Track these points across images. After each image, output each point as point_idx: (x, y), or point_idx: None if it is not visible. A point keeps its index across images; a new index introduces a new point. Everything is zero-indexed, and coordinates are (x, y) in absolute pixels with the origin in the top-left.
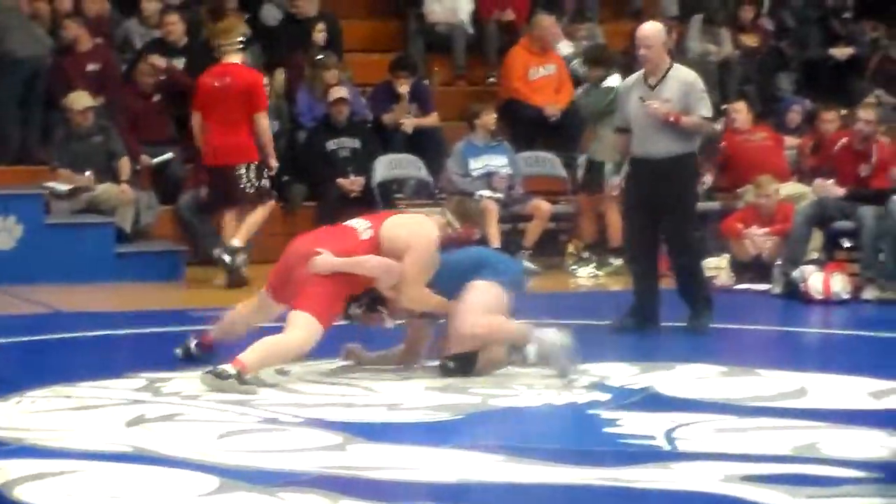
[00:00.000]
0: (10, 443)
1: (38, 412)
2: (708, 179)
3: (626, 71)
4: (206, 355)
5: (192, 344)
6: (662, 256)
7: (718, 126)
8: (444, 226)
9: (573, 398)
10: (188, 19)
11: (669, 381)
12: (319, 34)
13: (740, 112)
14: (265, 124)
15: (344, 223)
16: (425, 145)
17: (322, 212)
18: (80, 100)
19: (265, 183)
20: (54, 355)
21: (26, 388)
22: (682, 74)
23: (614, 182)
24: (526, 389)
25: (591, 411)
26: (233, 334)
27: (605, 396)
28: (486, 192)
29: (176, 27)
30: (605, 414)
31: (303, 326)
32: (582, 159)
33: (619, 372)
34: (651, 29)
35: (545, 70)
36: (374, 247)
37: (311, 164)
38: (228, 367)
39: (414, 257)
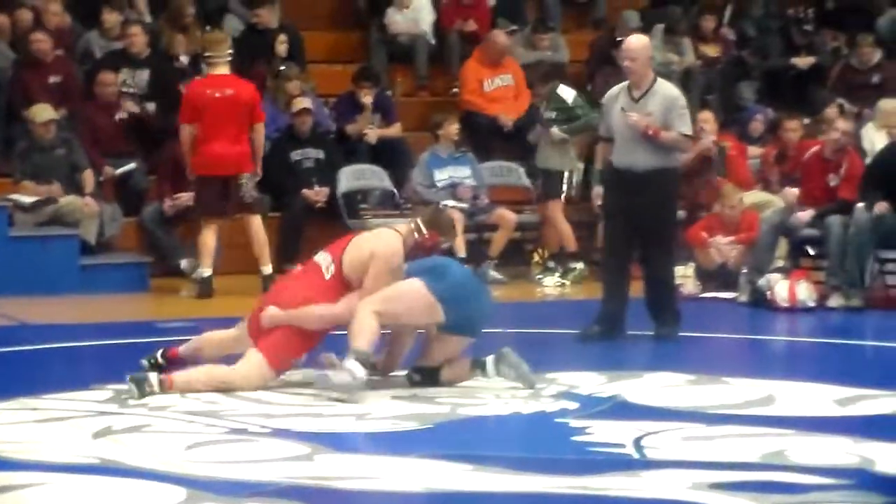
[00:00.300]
0: None
1: (3, 424)
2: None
3: (581, 81)
4: (172, 367)
5: (159, 353)
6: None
7: (710, 142)
8: (410, 231)
9: (541, 407)
10: (149, 31)
11: (637, 389)
12: (281, 45)
13: (707, 122)
14: (263, 135)
15: (314, 258)
16: (389, 156)
17: (287, 222)
18: (43, 112)
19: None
20: (20, 367)
21: None
22: (666, 90)
23: (596, 191)
24: (494, 398)
25: (559, 420)
26: (201, 356)
27: (574, 405)
28: (451, 203)
29: (138, 38)
30: (574, 422)
31: (251, 365)
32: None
33: (588, 380)
34: (637, 42)
35: (501, 80)
36: (339, 282)
37: (276, 174)
38: (154, 379)
39: (375, 270)
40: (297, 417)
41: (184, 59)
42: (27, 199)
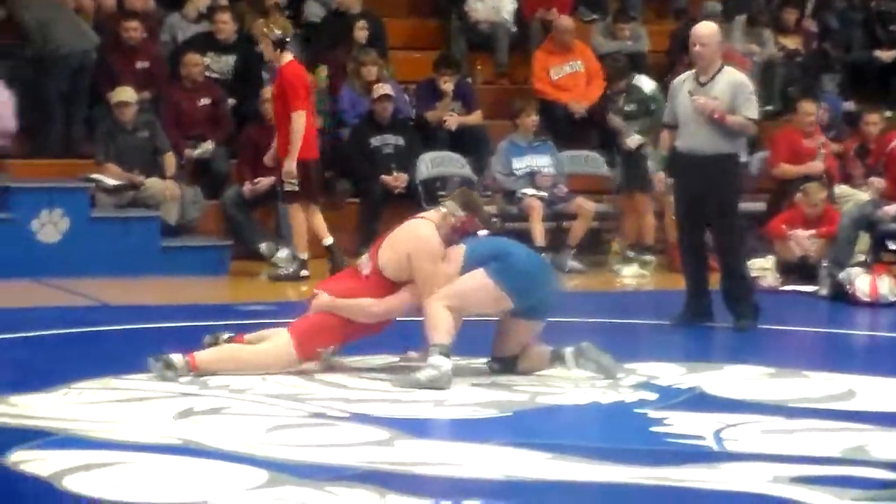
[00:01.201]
0: (59, 434)
1: (85, 404)
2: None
3: (662, 71)
4: None
5: (224, 339)
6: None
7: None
8: (443, 217)
9: (620, 397)
10: (235, 16)
11: (717, 381)
12: (361, 31)
13: (810, 113)
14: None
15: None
16: (468, 143)
17: (366, 208)
18: (126, 95)
19: None
20: (102, 347)
21: (74, 380)
22: (733, 75)
23: (659, 177)
24: (573, 387)
25: (638, 410)
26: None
27: (653, 396)
28: (530, 191)
29: (227, 25)
30: (653, 413)
31: (277, 348)
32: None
33: (667, 371)
34: (707, 28)
35: (570, 67)
36: (377, 280)
37: (355, 160)
38: (178, 358)
39: (422, 272)
40: (376, 403)
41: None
42: (110, 181)
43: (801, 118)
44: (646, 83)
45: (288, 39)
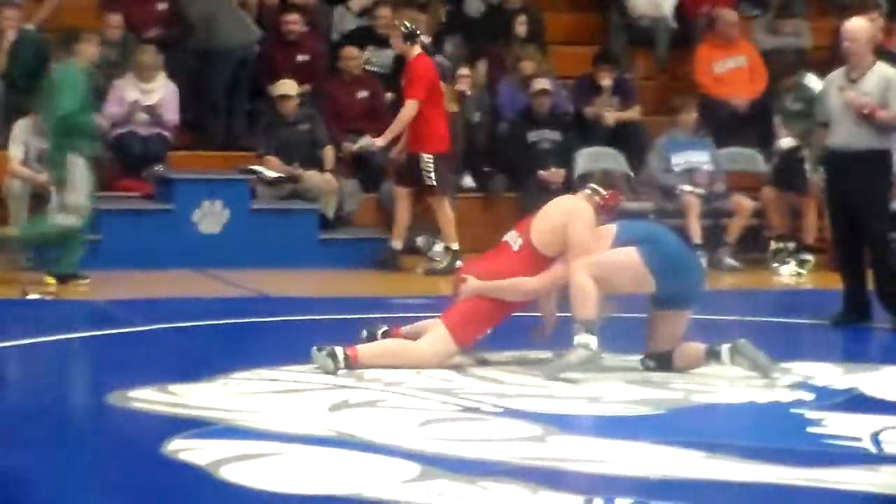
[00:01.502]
0: (216, 423)
1: (243, 394)
2: None
3: (825, 68)
4: None
5: (381, 332)
6: None
7: None
8: (588, 197)
9: (776, 397)
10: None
11: (875, 382)
12: (521, 26)
13: None
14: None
15: (504, 238)
16: (626, 139)
17: (523, 203)
18: (288, 88)
19: None
20: (260, 338)
21: (232, 371)
22: (884, 71)
23: (814, 178)
24: (728, 386)
25: (794, 410)
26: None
27: (810, 396)
28: (688, 188)
29: (387, 21)
30: (810, 414)
31: (435, 341)
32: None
33: (824, 372)
34: (857, 24)
35: (734, 62)
36: (529, 253)
37: (513, 155)
38: (340, 351)
39: (575, 233)
40: (529, 398)
41: (425, 39)
42: (270, 174)
43: None
44: (814, 81)
45: (419, 33)
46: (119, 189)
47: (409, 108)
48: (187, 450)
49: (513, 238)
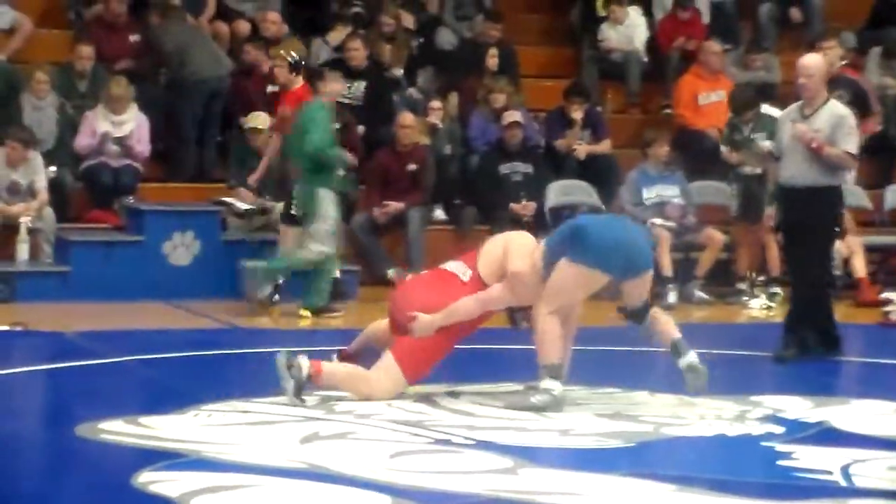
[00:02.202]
0: (187, 455)
1: (214, 426)
2: None
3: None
4: None
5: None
6: None
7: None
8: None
9: (747, 430)
10: (367, 43)
11: (845, 415)
12: (492, 59)
13: None
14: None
15: (443, 267)
16: (597, 172)
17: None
18: (259, 121)
19: None
20: (231, 370)
21: (203, 402)
22: (837, 108)
23: (769, 212)
24: (698, 419)
25: (765, 443)
26: (376, 345)
27: (780, 429)
28: (659, 221)
29: (359, 52)
30: (780, 447)
31: (387, 377)
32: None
33: (794, 405)
34: (812, 59)
35: (717, 95)
36: (477, 285)
37: (484, 187)
38: (305, 364)
39: (513, 254)
40: (501, 430)
41: (396, 72)
42: (242, 206)
43: None
44: (773, 111)
45: (303, 63)
46: (89, 220)
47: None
48: (158, 482)
49: (461, 269)
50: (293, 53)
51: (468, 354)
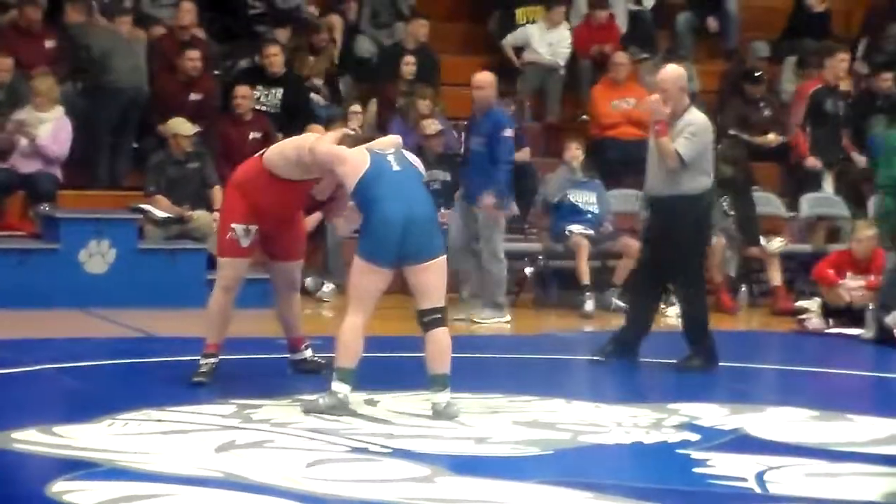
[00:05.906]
0: (102, 464)
1: (129, 435)
2: None
3: (712, 111)
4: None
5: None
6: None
7: None
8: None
9: (663, 437)
10: (287, 51)
11: (760, 423)
12: (409, 66)
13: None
14: None
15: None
16: (516, 180)
17: None
18: (183, 127)
19: None
20: (146, 379)
21: (118, 411)
22: (692, 115)
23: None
24: (616, 427)
25: (681, 451)
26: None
27: (695, 437)
28: (576, 228)
29: (277, 59)
30: (696, 454)
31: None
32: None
33: (710, 412)
34: (668, 72)
35: (625, 103)
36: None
37: None
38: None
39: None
40: (418, 439)
41: (317, 81)
42: (159, 213)
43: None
44: None
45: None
46: (4, 228)
47: None
48: (72, 491)
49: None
50: None
51: (385, 363)
